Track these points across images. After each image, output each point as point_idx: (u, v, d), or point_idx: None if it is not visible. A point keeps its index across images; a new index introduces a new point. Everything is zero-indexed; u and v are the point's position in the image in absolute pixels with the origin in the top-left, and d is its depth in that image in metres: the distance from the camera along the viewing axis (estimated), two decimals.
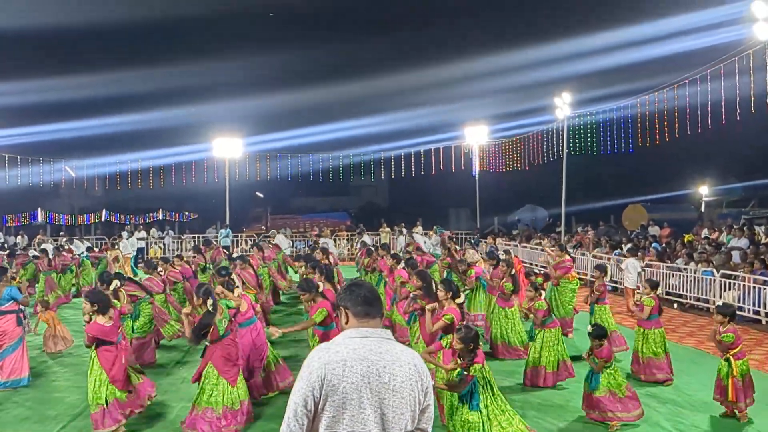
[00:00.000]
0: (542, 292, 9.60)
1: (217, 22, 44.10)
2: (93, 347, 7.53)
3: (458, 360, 6.72)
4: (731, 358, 7.86)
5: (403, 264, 12.10)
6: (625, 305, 14.91)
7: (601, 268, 11.35)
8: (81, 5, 36.09)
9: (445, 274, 13.95)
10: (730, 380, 7.82)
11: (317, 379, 2.91)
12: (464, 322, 7.49)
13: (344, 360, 2.94)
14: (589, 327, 8.24)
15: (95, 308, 7.56)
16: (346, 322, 3.17)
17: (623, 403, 7.62)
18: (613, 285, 17.93)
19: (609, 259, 19.26)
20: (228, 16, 42.46)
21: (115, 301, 8.88)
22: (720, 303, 9.35)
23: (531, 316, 9.57)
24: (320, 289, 8.13)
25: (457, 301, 7.81)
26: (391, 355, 2.99)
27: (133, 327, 10.39)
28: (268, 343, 9.00)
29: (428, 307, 7.99)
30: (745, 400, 7.83)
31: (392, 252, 14.94)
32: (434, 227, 27.36)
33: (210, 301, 7.39)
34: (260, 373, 8.64)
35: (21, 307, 9.58)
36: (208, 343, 7.47)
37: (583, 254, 20.98)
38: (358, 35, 47.66)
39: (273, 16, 43.52)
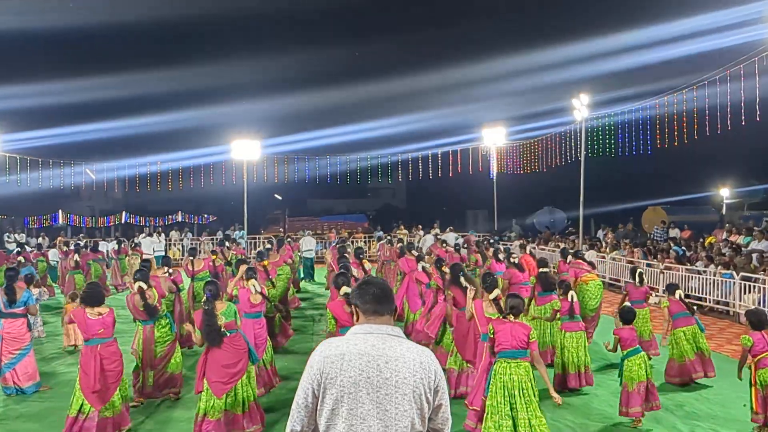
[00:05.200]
0: (570, 292, 9.57)
1: (235, 24, 44.42)
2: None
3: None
4: (752, 365, 7.45)
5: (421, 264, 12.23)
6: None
7: (634, 272, 11.31)
8: (100, 7, 36.47)
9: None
10: (752, 389, 7.40)
11: (317, 372, 2.99)
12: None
13: (343, 354, 2.98)
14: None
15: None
16: (357, 320, 3.19)
17: (630, 397, 7.77)
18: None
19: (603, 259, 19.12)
20: (246, 18, 42.74)
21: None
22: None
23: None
24: None
25: (491, 296, 7.83)
26: (395, 351, 2.99)
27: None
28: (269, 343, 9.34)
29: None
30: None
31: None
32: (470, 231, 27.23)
33: (204, 299, 7.27)
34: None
35: (29, 312, 9.57)
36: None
37: (602, 258, 20.84)
38: (376, 37, 47.79)
39: (289, 19, 43.67)
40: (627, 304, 8.71)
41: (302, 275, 21.44)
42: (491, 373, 6.87)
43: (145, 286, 8.86)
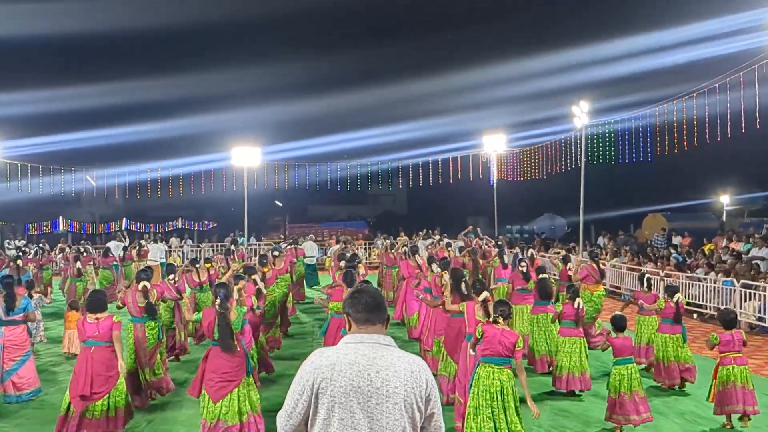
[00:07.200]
0: (577, 299, 9.65)
1: (235, 31, 44.52)
2: None
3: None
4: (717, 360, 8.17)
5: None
6: None
7: (644, 280, 11.35)
8: (101, 14, 36.56)
9: None
10: (713, 382, 8.13)
11: (307, 382, 2.98)
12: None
13: (333, 364, 2.97)
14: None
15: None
16: (349, 329, 3.18)
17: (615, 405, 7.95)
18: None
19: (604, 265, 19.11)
20: (246, 25, 42.85)
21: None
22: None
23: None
24: None
25: (480, 298, 8.01)
26: (386, 360, 2.99)
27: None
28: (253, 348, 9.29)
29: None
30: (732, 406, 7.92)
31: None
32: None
33: (218, 301, 7.31)
34: None
35: (28, 319, 9.55)
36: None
37: (604, 264, 20.82)
38: (376, 44, 47.89)
39: (289, 25, 43.81)
40: (618, 312, 8.81)
41: (307, 284, 21.34)
42: (474, 375, 7.01)
43: (149, 285, 9.26)
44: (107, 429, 7.45)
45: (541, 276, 11.35)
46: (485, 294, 7.94)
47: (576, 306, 9.49)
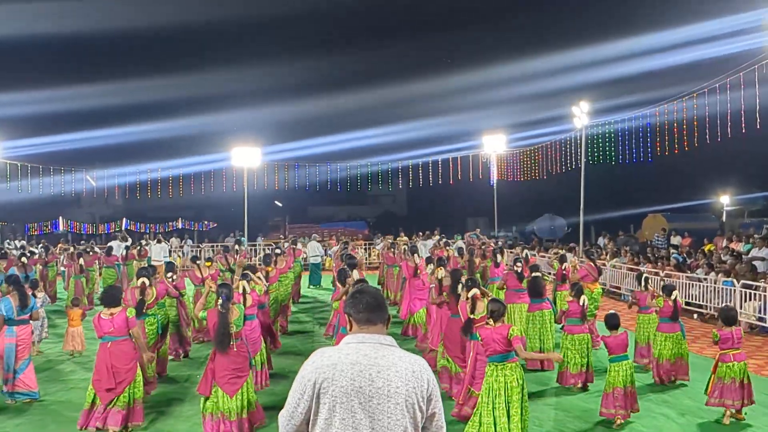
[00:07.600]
0: (582, 296, 9.80)
1: (236, 32, 44.57)
2: None
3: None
4: (717, 356, 8.38)
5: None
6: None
7: (642, 279, 11.39)
8: (101, 14, 36.61)
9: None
10: (711, 376, 8.34)
11: (308, 382, 2.96)
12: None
13: (335, 364, 2.96)
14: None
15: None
16: (350, 329, 3.17)
17: (606, 399, 8.18)
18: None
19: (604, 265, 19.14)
20: (246, 26, 42.89)
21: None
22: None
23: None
24: None
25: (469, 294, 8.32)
26: (387, 360, 2.98)
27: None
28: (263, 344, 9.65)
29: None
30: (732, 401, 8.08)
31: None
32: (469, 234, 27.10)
33: (220, 301, 7.41)
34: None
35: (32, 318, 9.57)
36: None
37: (604, 264, 20.81)
38: (376, 44, 47.95)
39: (289, 25, 43.84)
40: (612, 311, 8.91)
41: (310, 283, 21.47)
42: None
43: (147, 282, 9.56)
44: (128, 421, 7.65)
45: (533, 274, 11.42)
46: (474, 291, 8.16)
47: (582, 303, 9.65)
